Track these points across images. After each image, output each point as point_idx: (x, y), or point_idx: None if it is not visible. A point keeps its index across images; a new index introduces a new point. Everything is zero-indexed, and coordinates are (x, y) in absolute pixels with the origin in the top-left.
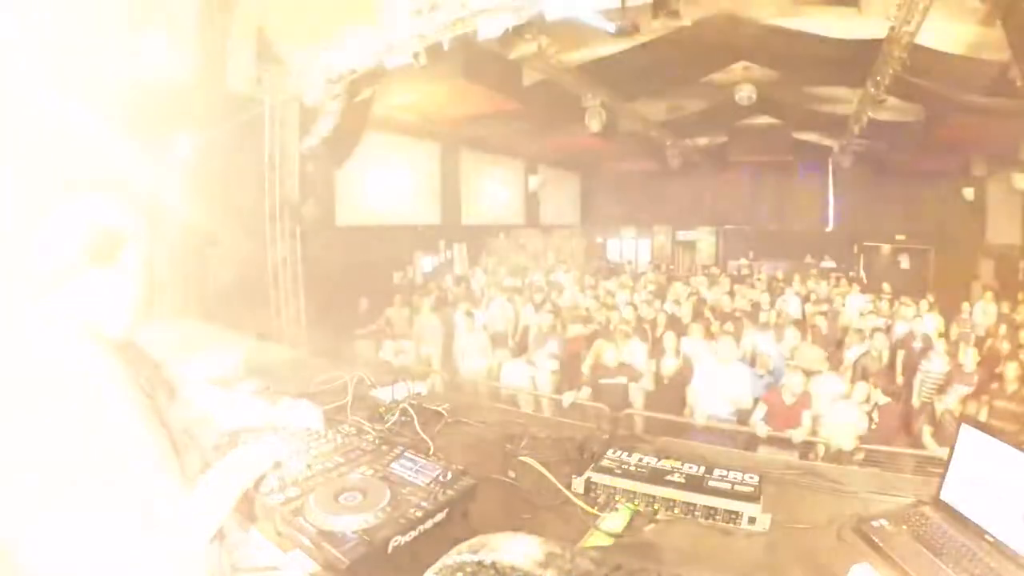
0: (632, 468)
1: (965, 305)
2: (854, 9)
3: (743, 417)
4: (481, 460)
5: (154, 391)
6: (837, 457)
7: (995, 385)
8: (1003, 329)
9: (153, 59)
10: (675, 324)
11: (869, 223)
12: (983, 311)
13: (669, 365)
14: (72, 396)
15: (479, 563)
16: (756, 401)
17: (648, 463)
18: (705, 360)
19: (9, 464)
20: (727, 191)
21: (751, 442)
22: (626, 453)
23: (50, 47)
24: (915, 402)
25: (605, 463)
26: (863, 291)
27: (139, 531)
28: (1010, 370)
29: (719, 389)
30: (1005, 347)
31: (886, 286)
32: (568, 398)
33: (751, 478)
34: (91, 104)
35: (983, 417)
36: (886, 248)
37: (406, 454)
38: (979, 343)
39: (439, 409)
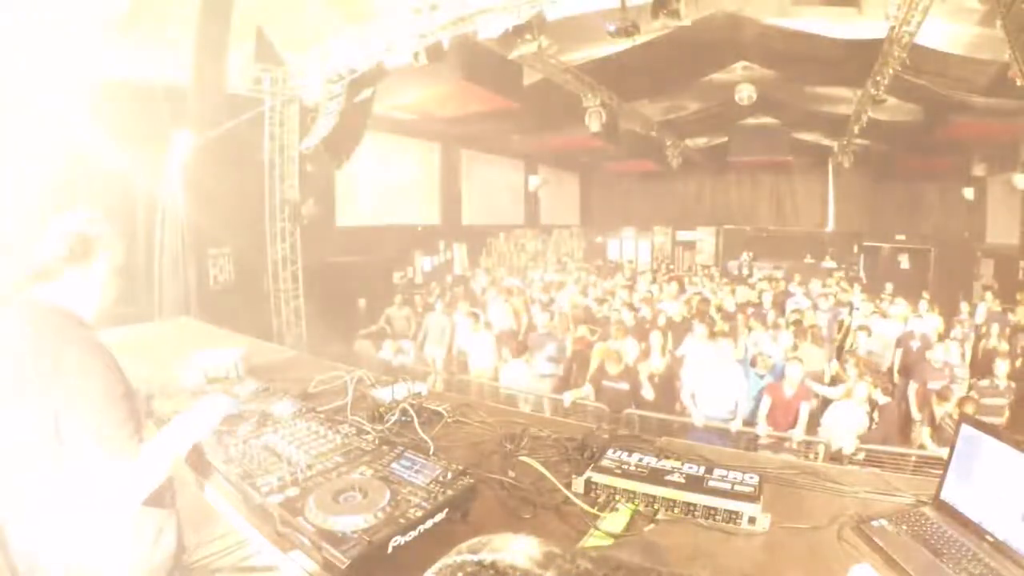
0: (632, 468)
1: (965, 305)
2: (854, 9)
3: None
4: (481, 460)
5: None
6: (837, 457)
7: (985, 382)
8: (995, 328)
9: (154, 59)
10: (675, 325)
11: (869, 223)
12: (985, 311)
13: (662, 365)
14: (56, 365)
15: (479, 563)
16: (756, 399)
17: (648, 463)
18: (704, 360)
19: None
20: (727, 191)
21: (751, 442)
22: (626, 453)
23: (51, 48)
24: (914, 402)
25: (605, 463)
26: (863, 291)
27: (99, 489)
28: (999, 368)
29: (717, 389)
30: (1004, 347)
31: (888, 286)
32: (569, 398)
33: (751, 478)
34: (92, 105)
35: (976, 414)
36: (886, 248)
37: (406, 454)
38: (978, 343)
39: (439, 409)
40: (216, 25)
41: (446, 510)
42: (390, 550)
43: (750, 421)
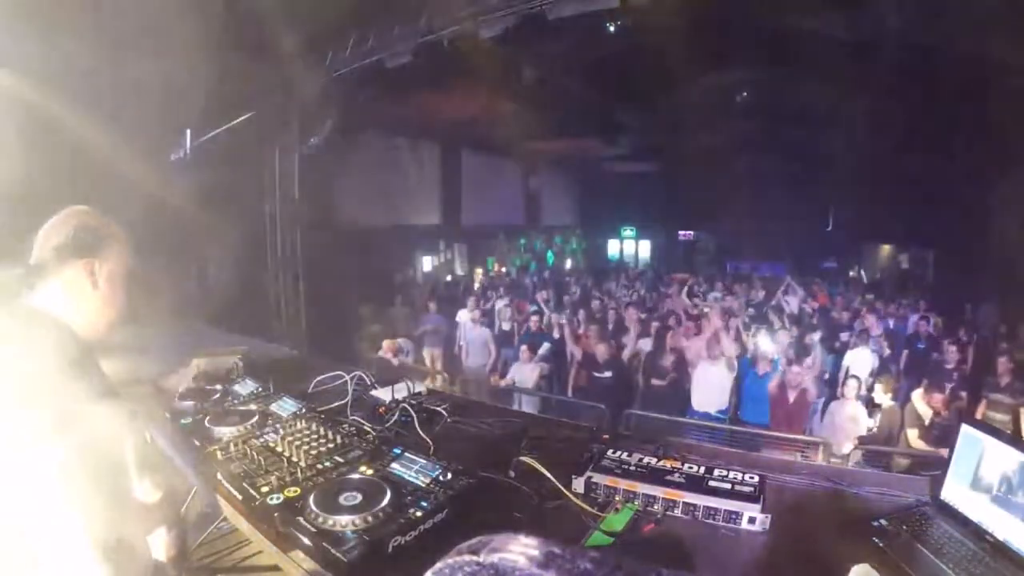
0: (632, 468)
1: (968, 306)
2: (854, 9)
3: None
4: (481, 460)
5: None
6: (837, 457)
7: (990, 378)
8: (996, 328)
9: (153, 59)
10: (675, 324)
11: (869, 223)
12: (986, 311)
13: (665, 363)
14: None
15: (479, 563)
16: (752, 399)
17: (648, 463)
18: (703, 359)
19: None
20: (727, 191)
21: (752, 442)
22: (626, 453)
23: (50, 48)
24: (915, 402)
25: (605, 463)
26: (863, 292)
27: None
28: (1001, 367)
29: (716, 388)
30: (1003, 345)
31: (887, 288)
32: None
33: (751, 478)
34: (91, 106)
35: (979, 411)
36: (886, 248)
37: (406, 454)
38: (980, 342)
39: (439, 409)
40: (216, 23)
41: (446, 510)
42: (390, 550)
43: (750, 421)
